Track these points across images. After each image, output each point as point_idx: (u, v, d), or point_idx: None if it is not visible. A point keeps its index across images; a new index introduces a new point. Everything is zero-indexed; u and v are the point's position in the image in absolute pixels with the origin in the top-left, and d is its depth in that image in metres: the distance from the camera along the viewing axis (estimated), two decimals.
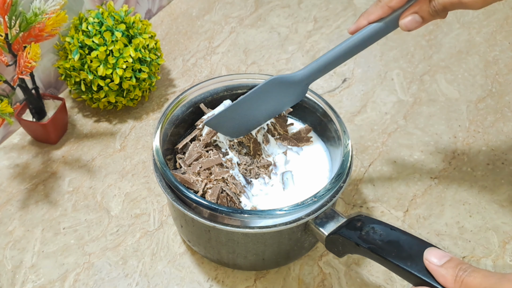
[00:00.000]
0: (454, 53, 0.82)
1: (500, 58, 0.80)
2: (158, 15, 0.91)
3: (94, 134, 0.72)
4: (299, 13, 0.91)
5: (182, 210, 0.47)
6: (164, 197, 0.64)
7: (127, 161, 0.68)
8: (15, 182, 0.66)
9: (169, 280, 0.56)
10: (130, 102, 0.73)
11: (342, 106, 0.74)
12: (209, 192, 0.50)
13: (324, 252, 0.58)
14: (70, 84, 0.70)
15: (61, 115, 0.69)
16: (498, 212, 0.61)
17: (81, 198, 0.64)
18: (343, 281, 0.56)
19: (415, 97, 0.75)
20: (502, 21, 0.87)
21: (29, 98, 0.65)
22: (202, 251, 0.55)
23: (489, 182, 0.64)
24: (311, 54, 0.83)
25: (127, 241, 0.60)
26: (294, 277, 0.56)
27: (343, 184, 0.48)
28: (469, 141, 0.69)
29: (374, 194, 0.63)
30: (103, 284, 0.56)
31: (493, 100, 0.74)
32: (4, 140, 0.71)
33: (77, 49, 0.66)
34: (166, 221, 0.62)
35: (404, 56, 0.82)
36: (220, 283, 0.56)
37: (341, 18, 0.89)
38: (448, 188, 0.64)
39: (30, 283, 0.56)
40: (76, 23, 0.69)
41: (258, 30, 0.88)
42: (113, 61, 0.66)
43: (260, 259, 0.52)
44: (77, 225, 0.62)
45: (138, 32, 0.69)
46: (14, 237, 0.61)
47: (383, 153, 0.68)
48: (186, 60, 0.83)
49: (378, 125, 0.72)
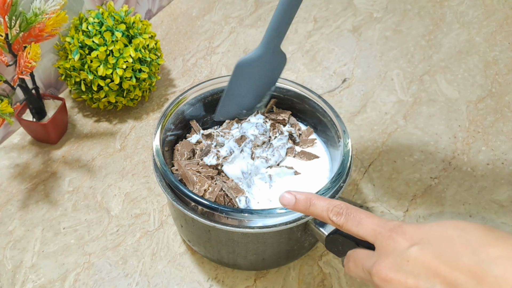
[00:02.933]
0: (454, 53, 0.82)
1: (500, 58, 0.80)
2: (158, 15, 0.91)
3: (94, 134, 0.72)
4: (299, 13, 0.91)
5: (182, 210, 0.47)
6: (164, 197, 0.64)
7: (127, 161, 0.69)
8: (15, 182, 0.66)
9: (169, 280, 0.56)
10: (130, 102, 0.73)
11: (342, 106, 0.74)
12: (209, 190, 0.50)
13: (324, 252, 0.58)
14: (70, 84, 0.70)
15: (61, 115, 0.69)
16: (498, 212, 0.61)
17: (81, 198, 0.64)
18: (343, 281, 0.56)
19: (415, 97, 0.75)
20: (502, 21, 0.87)
21: (29, 98, 0.65)
22: (202, 251, 0.55)
23: (489, 182, 0.64)
24: (311, 54, 0.83)
25: (127, 241, 0.60)
26: (294, 277, 0.56)
27: (343, 184, 0.48)
28: (469, 141, 0.69)
29: (374, 194, 0.63)
30: (103, 284, 0.56)
31: (493, 100, 0.74)
32: (4, 140, 0.71)
33: (77, 49, 0.66)
34: (166, 221, 0.62)
35: (404, 56, 0.82)
36: (220, 283, 0.56)
37: (341, 18, 0.89)
38: (448, 188, 0.64)
39: (30, 283, 0.56)
40: (76, 23, 0.69)
41: (258, 30, 0.88)
42: (113, 61, 0.66)
43: (260, 259, 0.52)
44: (77, 225, 0.62)
45: (138, 32, 0.69)
46: (14, 237, 0.61)
47: (383, 153, 0.68)
48: (186, 60, 0.83)
49: (378, 125, 0.72)
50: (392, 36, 0.86)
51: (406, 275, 0.34)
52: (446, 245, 0.33)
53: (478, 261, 0.31)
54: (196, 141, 0.57)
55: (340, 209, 0.40)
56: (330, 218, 0.40)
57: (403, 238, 0.35)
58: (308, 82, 0.79)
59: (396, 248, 0.35)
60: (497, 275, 0.30)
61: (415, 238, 0.35)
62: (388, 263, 0.35)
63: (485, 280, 0.30)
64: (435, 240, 0.34)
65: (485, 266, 0.31)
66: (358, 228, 0.39)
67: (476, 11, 0.89)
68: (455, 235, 0.33)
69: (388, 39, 0.85)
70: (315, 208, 0.41)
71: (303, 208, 0.42)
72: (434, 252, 0.33)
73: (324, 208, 0.41)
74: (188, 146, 0.55)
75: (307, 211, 0.42)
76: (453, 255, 0.32)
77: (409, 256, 0.34)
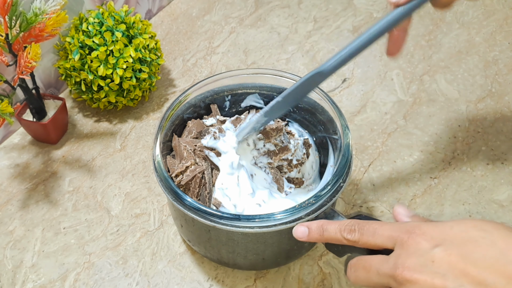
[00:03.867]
0: (453, 53, 0.82)
1: (500, 58, 0.80)
2: (158, 15, 0.91)
3: (94, 134, 0.72)
4: (299, 13, 0.91)
5: (182, 210, 0.47)
6: (164, 197, 0.64)
7: (127, 161, 0.69)
8: (16, 182, 0.66)
9: (169, 280, 0.56)
10: (130, 102, 0.73)
11: (342, 106, 0.74)
12: (191, 168, 0.50)
13: (324, 252, 0.58)
14: (70, 84, 0.71)
15: (61, 115, 0.69)
16: (498, 212, 0.61)
17: (81, 198, 0.64)
18: (343, 281, 0.56)
19: (415, 97, 0.75)
20: (502, 21, 0.87)
21: (29, 98, 0.65)
22: (202, 251, 0.55)
23: (489, 182, 0.64)
24: (311, 54, 0.83)
25: (127, 241, 0.60)
26: (294, 277, 0.56)
27: (343, 184, 0.48)
28: (469, 141, 0.69)
29: (374, 194, 0.64)
30: (103, 283, 0.56)
31: (492, 100, 0.74)
32: (5, 140, 0.71)
33: (77, 49, 0.66)
34: (166, 221, 0.62)
35: (404, 56, 0.82)
36: (220, 282, 0.56)
37: (341, 18, 0.89)
38: (448, 188, 0.64)
39: (30, 283, 0.56)
40: (76, 23, 0.69)
41: (258, 30, 0.88)
42: (113, 61, 0.66)
43: (260, 259, 0.52)
44: (78, 225, 0.62)
45: (138, 32, 0.69)
46: (14, 237, 0.61)
47: (383, 153, 0.68)
48: (186, 60, 0.83)
49: (378, 125, 0.72)
50: None
51: (432, 275, 0.34)
52: (471, 246, 0.33)
53: (507, 262, 0.32)
54: (210, 124, 0.57)
55: (351, 226, 0.41)
56: (345, 238, 0.41)
57: (424, 239, 0.35)
58: None
59: (419, 249, 0.35)
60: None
61: (436, 238, 0.35)
62: (411, 263, 0.35)
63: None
64: (459, 241, 0.34)
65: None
66: (374, 239, 0.39)
67: (476, 11, 0.89)
68: (478, 236, 0.34)
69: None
70: (328, 233, 0.42)
71: (318, 236, 0.43)
72: (460, 253, 0.33)
73: (336, 230, 0.42)
74: (199, 125, 0.55)
75: (322, 238, 0.43)
76: (480, 256, 0.33)
77: (434, 256, 0.34)
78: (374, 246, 0.39)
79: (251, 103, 0.60)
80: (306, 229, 0.44)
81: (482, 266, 0.32)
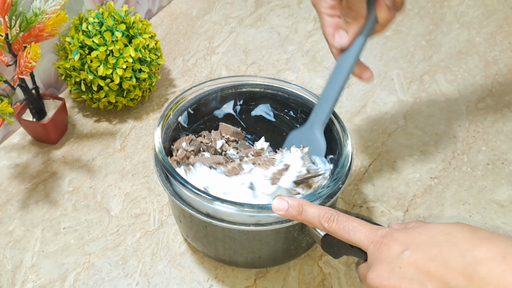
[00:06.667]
0: (454, 53, 0.82)
1: (500, 58, 0.80)
2: (158, 15, 0.91)
3: (94, 134, 0.72)
4: (299, 13, 0.91)
5: (180, 205, 0.47)
6: (164, 197, 0.64)
7: (127, 161, 0.69)
8: (15, 182, 0.66)
9: (169, 280, 0.56)
10: (130, 102, 0.73)
11: (342, 106, 0.74)
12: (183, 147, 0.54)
13: (324, 252, 0.58)
14: (70, 84, 0.71)
15: (61, 115, 0.69)
16: (498, 212, 0.61)
17: (81, 198, 0.64)
18: (343, 281, 0.56)
19: (415, 97, 0.75)
20: (502, 21, 0.87)
21: (29, 98, 0.65)
22: (200, 247, 0.55)
23: (489, 182, 0.64)
24: (311, 54, 0.83)
25: (127, 241, 0.60)
26: (294, 277, 0.56)
27: (343, 184, 0.48)
28: (469, 141, 0.69)
29: (374, 194, 0.63)
30: (103, 284, 0.56)
31: (493, 100, 0.74)
32: (4, 140, 0.71)
33: (77, 49, 0.66)
34: (166, 221, 0.62)
35: (404, 56, 0.82)
36: (220, 282, 0.56)
37: None
38: (448, 188, 0.64)
39: (30, 283, 0.56)
40: (76, 23, 0.69)
41: (258, 30, 0.88)
42: (113, 61, 0.66)
43: (256, 257, 0.52)
44: (77, 225, 0.62)
45: (138, 32, 0.69)
46: (14, 237, 0.61)
47: (383, 153, 0.68)
48: (186, 60, 0.83)
49: (378, 125, 0.72)
50: (392, 36, 0.86)
51: (400, 281, 0.35)
52: (435, 250, 0.35)
53: (467, 263, 0.33)
54: (220, 146, 0.58)
55: (331, 215, 0.42)
56: (322, 224, 0.42)
57: (394, 245, 0.37)
58: (308, 82, 0.79)
59: (388, 255, 0.37)
60: (484, 276, 0.32)
61: (405, 244, 0.37)
62: (380, 270, 0.37)
63: (474, 280, 0.33)
64: (425, 245, 0.36)
65: (473, 267, 0.33)
66: (350, 236, 0.40)
67: (476, 11, 0.89)
68: (442, 239, 0.36)
69: (388, 39, 0.85)
70: (307, 214, 0.43)
71: (296, 214, 0.43)
72: (426, 257, 0.35)
73: (315, 214, 0.42)
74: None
75: (299, 217, 0.43)
76: (443, 259, 0.34)
77: (401, 261, 0.36)
78: (349, 243, 0.41)
79: (261, 113, 0.60)
80: (286, 204, 0.43)
81: (445, 268, 0.34)
